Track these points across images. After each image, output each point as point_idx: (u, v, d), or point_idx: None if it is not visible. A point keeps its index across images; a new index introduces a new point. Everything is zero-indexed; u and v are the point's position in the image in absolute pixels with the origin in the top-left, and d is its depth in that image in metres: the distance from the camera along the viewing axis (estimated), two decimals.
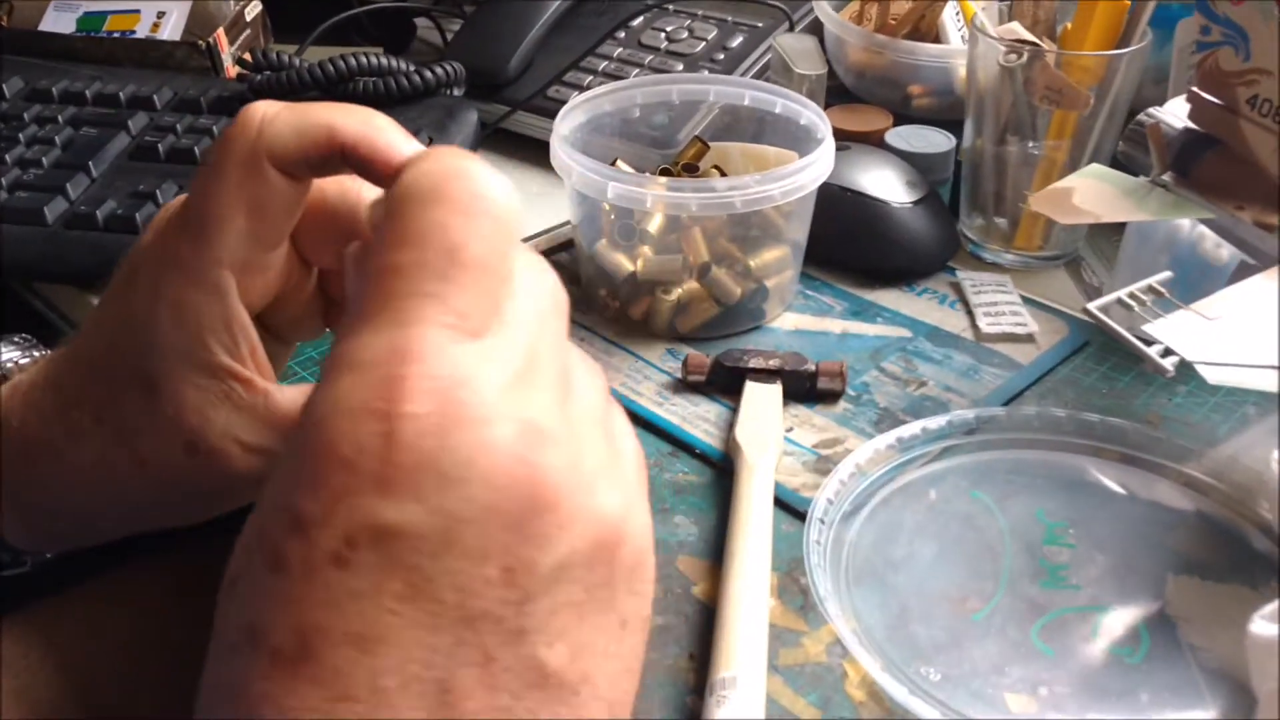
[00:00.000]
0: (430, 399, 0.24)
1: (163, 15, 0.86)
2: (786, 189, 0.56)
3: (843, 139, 0.67)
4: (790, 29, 0.79)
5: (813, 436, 0.54)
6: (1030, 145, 0.64)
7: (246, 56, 0.76)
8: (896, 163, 0.67)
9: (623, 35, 0.82)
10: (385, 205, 0.27)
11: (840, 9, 0.81)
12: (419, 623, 0.24)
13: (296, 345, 0.44)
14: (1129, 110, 0.63)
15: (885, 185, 0.65)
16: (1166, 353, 0.42)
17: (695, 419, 0.55)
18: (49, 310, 0.66)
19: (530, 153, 0.76)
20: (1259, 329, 0.42)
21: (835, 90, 0.80)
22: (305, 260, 0.39)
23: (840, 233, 0.64)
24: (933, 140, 0.72)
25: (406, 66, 0.74)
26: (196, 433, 0.36)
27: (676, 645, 0.43)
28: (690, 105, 0.68)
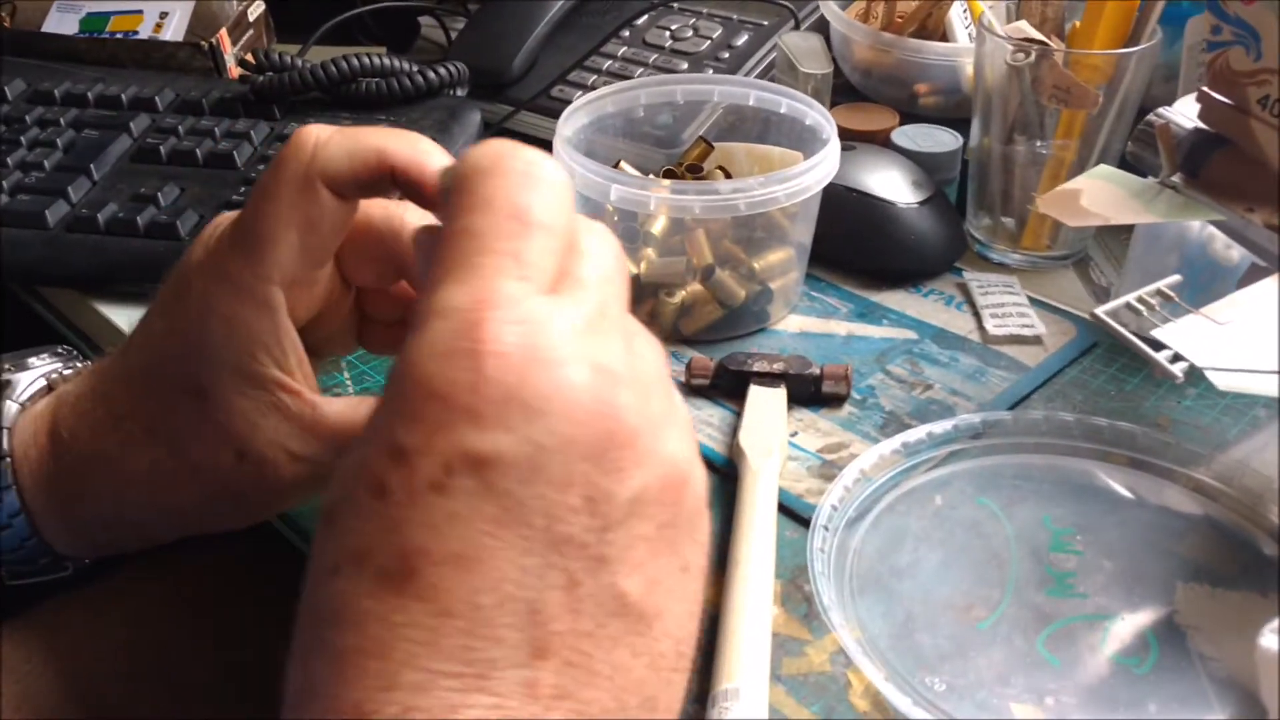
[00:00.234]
0: (511, 339, 0.26)
1: (165, 16, 0.86)
2: (791, 191, 0.55)
3: (848, 138, 0.67)
4: (796, 27, 0.79)
5: (817, 441, 0.53)
6: (1038, 144, 0.63)
7: (249, 58, 0.76)
8: (902, 162, 0.66)
9: (627, 34, 0.81)
10: (451, 182, 0.30)
11: (846, 7, 0.81)
12: (511, 544, 0.26)
13: (329, 360, 0.45)
14: (1138, 109, 0.62)
15: (891, 185, 0.64)
16: (1175, 358, 0.41)
17: (699, 423, 0.55)
18: (50, 314, 0.66)
19: None
20: (1270, 334, 0.42)
21: (841, 89, 0.79)
22: (346, 278, 0.41)
23: (846, 234, 0.64)
24: (939, 139, 0.71)
25: (409, 67, 0.73)
26: (246, 441, 0.38)
27: None
28: (695, 105, 0.67)
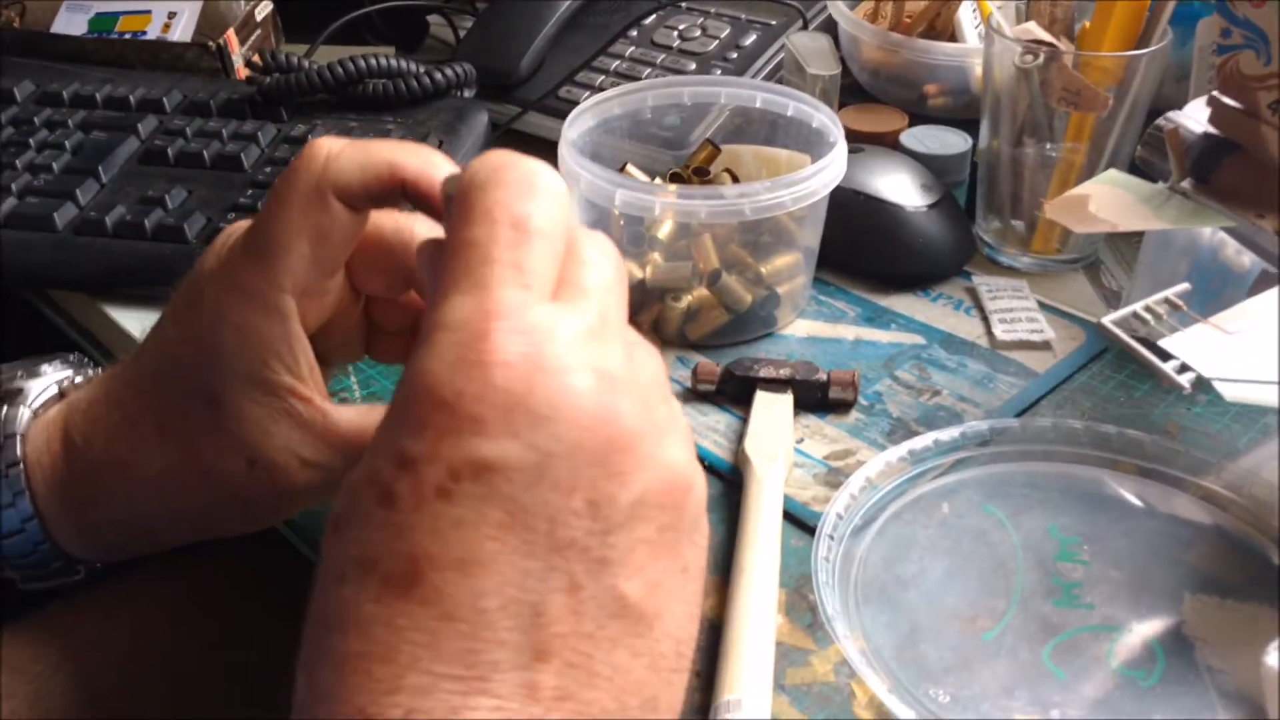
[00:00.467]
0: (516, 349, 0.27)
1: (174, 16, 0.86)
2: (798, 195, 0.55)
3: (857, 139, 0.66)
4: (804, 27, 0.78)
5: (824, 448, 0.53)
6: (1048, 147, 0.63)
7: (256, 58, 0.76)
8: (911, 165, 0.66)
9: (635, 34, 0.81)
10: (454, 193, 0.30)
11: (855, 7, 0.80)
12: (515, 549, 0.27)
13: (336, 368, 0.46)
14: (1148, 111, 0.61)
15: (899, 189, 0.64)
16: (1183, 368, 0.41)
17: (704, 429, 0.54)
18: (59, 317, 0.66)
19: (541, 154, 0.73)
20: (1277, 344, 0.41)
21: (849, 89, 0.79)
22: (355, 287, 0.41)
23: (853, 237, 0.63)
24: (948, 141, 0.70)
25: (417, 68, 0.73)
26: (257, 447, 0.39)
27: None
28: (702, 107, 0.67)
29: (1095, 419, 0.51)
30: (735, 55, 0.78)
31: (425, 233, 0.39)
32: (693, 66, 0.77)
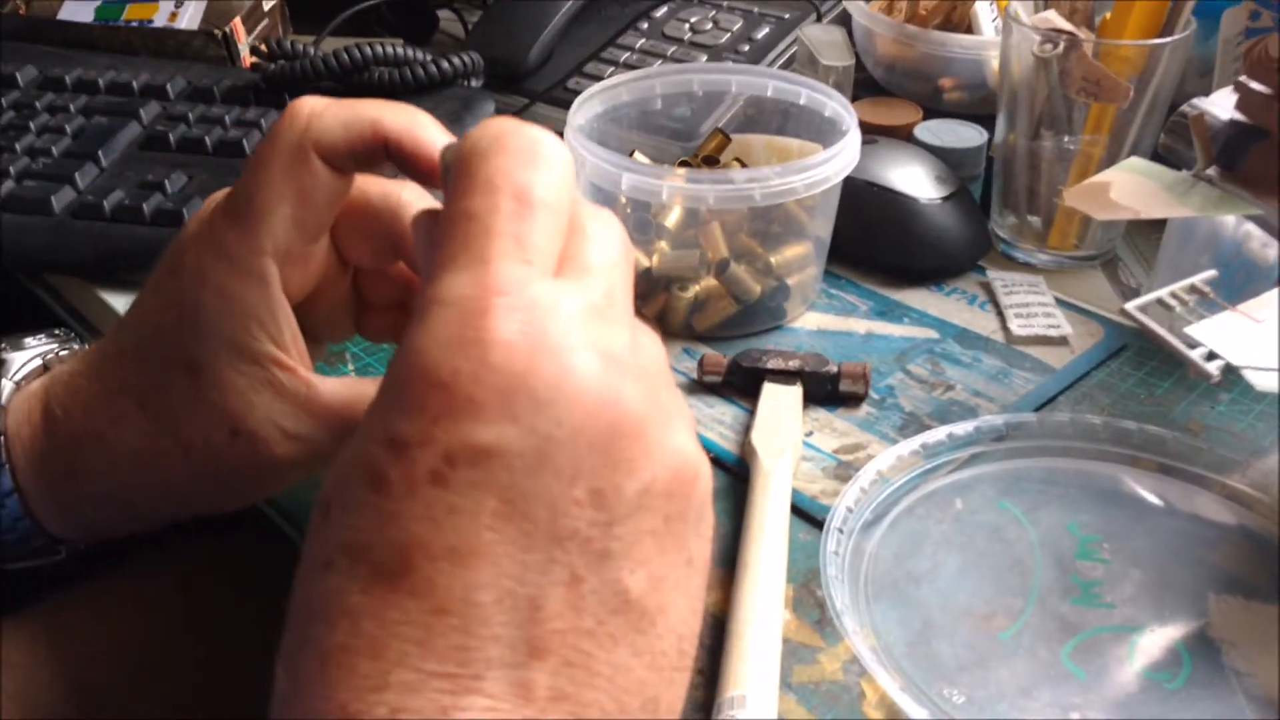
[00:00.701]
0: (516, 326, 0.25)
1: (181, 5, 0.85)
2: (809, 182, 0.54)
3: (870, 132, 0.65)
4: (818, 20, 0.77)
5: (833, 441, 0.51)
6: (1066, 140, 0.61)
7: (262, 46, 0.75)
8: (925, 157, 0.64)
9: (645, 26, 0.80)
10: (453, 162, 0.29)
11: (870, 0, 0.79)
12: (513, 539, 0.25)
13: (327, 346, 0.44)
14: (1170, 104, 0.60)
15: (913, 180, 0.62)
16: (1211, 356, 0.39)
17: (710, 421, 0.53)
18: (55, 302, 0.65)
19: None
20: None
21: (863, 83, 0.78)
22: (343, 259, 0.40)
23: (866, 229, 0.62)
24: (963, 135, 0.69)
25: (423, 57, 0.72)
26: (239, 418, 0.37)
27: None
28: (713, 97, 0.66)
29: (1115, 417, 0.50)
30: (747, 48, 0.76)
31: (413, 200, 0.38)
32: (704, 59, 0.76)
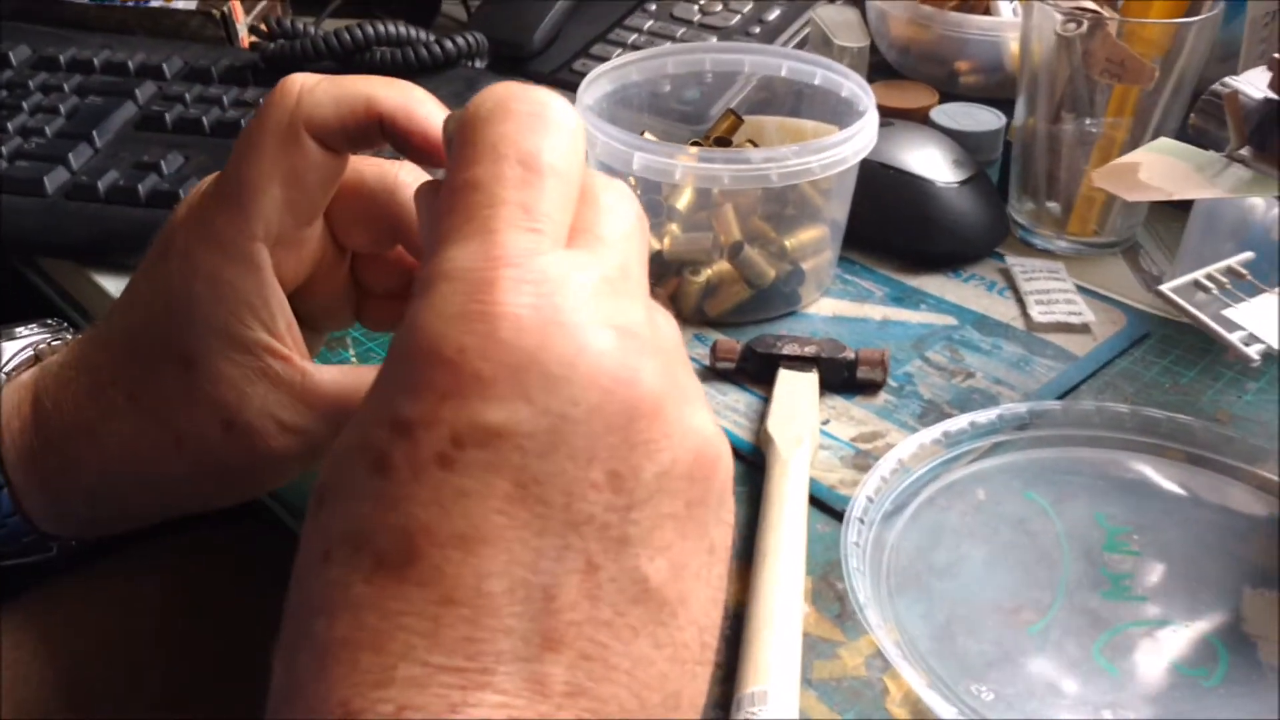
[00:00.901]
0: (526, 300, 0.24)
1: None
2: (826, 162, 0.52)
3: (885, 115, 0.63)
4: (831, 0, 0.75)
5: (851, 429, 0.50)
6: (1088, 123, 0.60)
7: (261, 26, 0.73)
8: (942, 140, 0.63)
9: (653, 7, 0.78)
10: (456, 130, 0.27)
11: None
12: (526, 524, 0.24)
13: (326, 336, 0.43)
14: (1195, 86, 0.58)
15: (930, 163, 0.61)
16: (1250, 340, 0.38)
17: (724, 409, 0.51)
18: (47, 286, 0.63)
19: None
20: None
21: (878, 66, 0.76)
22: (339, 245, 0.39)
23: (882, 213, 0.60)
24: (981, 119, 0.67)
25: (426, 36, 0.70)
26: (233, 410, 0.36)
27: None
28: (725, 78, 0.64)
29: (1139, 405, 0.48)
30: (759, 29, 0.75)
31: (411, 181, 0.36)
32: (714, 40, 0.74)
